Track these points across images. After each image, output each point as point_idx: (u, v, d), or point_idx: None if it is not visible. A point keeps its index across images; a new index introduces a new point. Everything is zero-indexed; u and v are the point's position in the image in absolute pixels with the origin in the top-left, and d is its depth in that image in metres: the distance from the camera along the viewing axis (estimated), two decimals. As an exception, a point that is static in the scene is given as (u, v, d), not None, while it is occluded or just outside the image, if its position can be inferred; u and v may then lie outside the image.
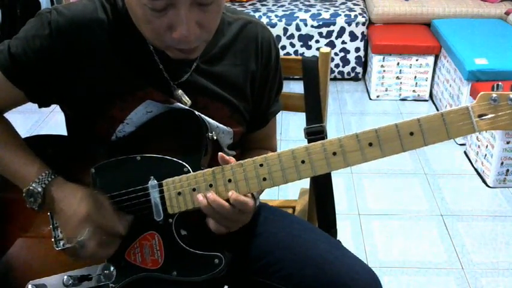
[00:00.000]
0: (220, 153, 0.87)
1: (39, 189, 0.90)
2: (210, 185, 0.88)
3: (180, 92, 0.93)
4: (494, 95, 0.80)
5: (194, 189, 0.89)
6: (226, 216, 0.87)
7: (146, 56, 0.92)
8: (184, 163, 0.91)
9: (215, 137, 0.96)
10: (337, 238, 1.19)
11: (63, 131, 1.04)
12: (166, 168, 0.91)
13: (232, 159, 0.88)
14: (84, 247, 0.88)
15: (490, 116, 0.81)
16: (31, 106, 0.97)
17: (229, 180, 0.87)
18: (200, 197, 0.87)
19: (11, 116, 0.99)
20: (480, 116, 0.81)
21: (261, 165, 0.87)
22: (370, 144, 0.83)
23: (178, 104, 0.93)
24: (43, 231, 0.96)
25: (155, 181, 0.91)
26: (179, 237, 0.92)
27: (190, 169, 0.90)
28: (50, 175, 0.92)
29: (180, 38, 0.80)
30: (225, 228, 0.89)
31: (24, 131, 0.85)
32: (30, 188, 0.90)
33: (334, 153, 0.84)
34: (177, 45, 0.82)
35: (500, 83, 0.81)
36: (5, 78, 0.91)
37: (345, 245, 1.08)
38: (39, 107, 0.97)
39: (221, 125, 0.98)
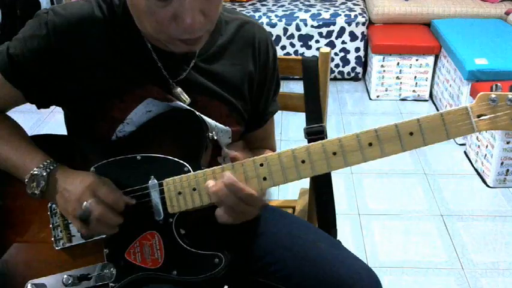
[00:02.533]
0: (232, 154, 0.87)
1: (44, 174, 0.90)
2: (211, 185, 0.88)
3: (179, 89, 0.93)
4: (493, 96, 0.80)
5: (194, 189, 0.89)
6: (231, 205, 0.85)
7: (144, 53, 0.92)
8: (184, 163, 0.91)
9: (215, 137, 0.96)
10: (337, 238, 1.19)
11: (63, 131, 1.04)
12: (167, 167, 0.91)
13: (239, 155, 0.88)
14: (84, 220, 0.87)
15: (489, 116, 0.81)
16: (31, 106, 0.97)
17: (230, 180, 0.87)
18: (211, 182, 0.86)
19: (11, 115, 0.99)
20: (479, 116, 0.81)
21: (261, 164, 0.87)
22: (370, 144, 0.83)
23: (178, 102, 0.93)
24: (43, 231, 0.96)
25: (155, 181, 0.91)
26: (179, 237, 0.92)
27: (190, 169, 0.90)
28: (53, 162, 0.92)
29: (185, 27, 0.80)
30: (231, 218, 0.87)
31: (24, 131, 0.87)
32: (34, 172, 0.90)
33: (334, 153, 0.85)
34: (182, 35, 0.82)
35: (499, 84, 0.82)
36: (4, 79, 0.91)
37: (345, 245, 1.08)
38: (38, 108, 0.97)
39: (219, 124, 0.98)
